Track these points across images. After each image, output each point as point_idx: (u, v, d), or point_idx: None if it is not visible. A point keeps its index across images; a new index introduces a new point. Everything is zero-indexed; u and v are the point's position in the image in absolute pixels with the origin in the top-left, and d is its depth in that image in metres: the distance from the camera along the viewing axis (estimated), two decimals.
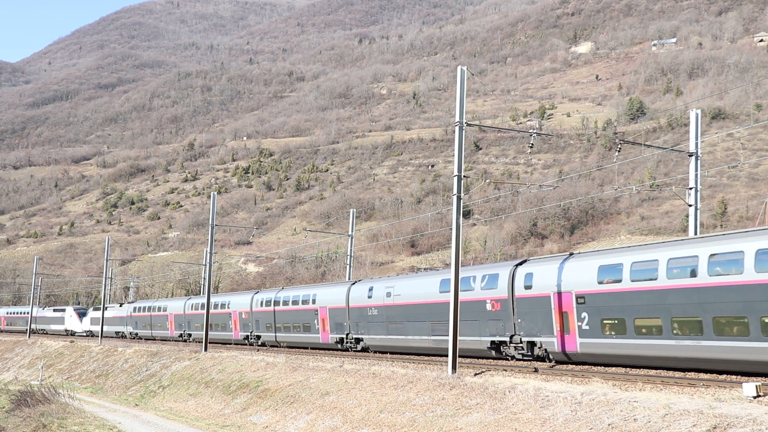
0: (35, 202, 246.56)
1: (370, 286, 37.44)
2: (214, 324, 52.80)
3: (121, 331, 73.57)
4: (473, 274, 30.17)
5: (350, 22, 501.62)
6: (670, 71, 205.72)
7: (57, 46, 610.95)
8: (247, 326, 49.91)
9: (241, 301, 51.33)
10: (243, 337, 50.37)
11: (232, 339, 51.85)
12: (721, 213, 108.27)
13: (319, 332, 41.35)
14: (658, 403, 16.24)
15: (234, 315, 51.66)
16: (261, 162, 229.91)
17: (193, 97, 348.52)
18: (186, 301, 60.51)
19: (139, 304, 71.15)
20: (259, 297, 49.30)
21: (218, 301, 54.80)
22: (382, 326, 35.60)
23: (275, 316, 46.17)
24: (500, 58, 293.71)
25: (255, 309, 48.88)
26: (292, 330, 44.49)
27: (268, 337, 47.47)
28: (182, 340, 58.77)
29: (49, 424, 27.10)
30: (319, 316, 41.13)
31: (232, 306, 52.01)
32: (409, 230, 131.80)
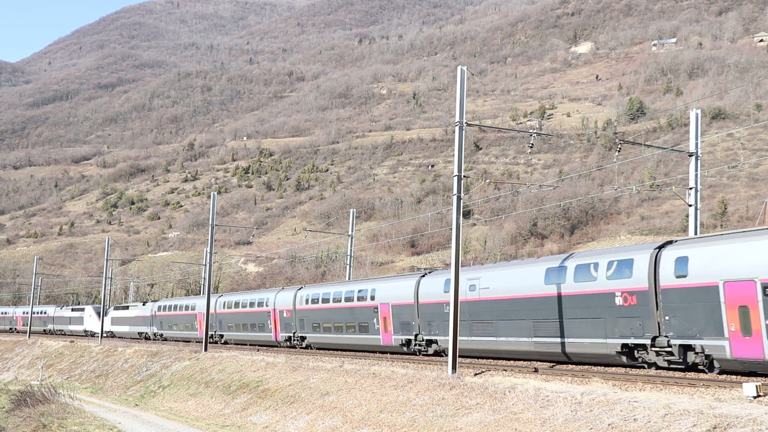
0: (35, 202, 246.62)
1: (446, 279, 31.55)
2: (249, 324, 49.75)
3: (145, 332, 69.03)
4: (593, 260, 25.00)
5: (350, 22, 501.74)
6: (670, 71, 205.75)
7: (57, 46, 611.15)
8: (290, 326, 45.09)
9: (283, 297, 46.20)
10: (284, 338, 45.66)
11: (272, 340, 47.15)
12: (721, 213, 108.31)
13: (380, 333, 36.37)
14: (658, 403, 16.24)
15: (274, 314, 46.59)
16: (261, 162, 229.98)
17: (193, 97, 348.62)
18: (217, 298, 56.16)
19: (164, 303, 66.59)
20: (304, 293, 44.10)
21: (254, 298, 50.47)
22: (463, 326, 29.62)
23: (324, 314, 41.44)
24: (500, 58, 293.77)
25: (300, 307, 43.79)
26: (345, 330, 39.51)
27: (316, 339, 42.63)
28: (213, 341, 55.39)
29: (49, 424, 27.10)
30: (379, 315, 36.36)
31: (272, 304, 46.96)
32: (409, 230, 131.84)
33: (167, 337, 63.74)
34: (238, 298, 52.58)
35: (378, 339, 36.55)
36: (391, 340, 35.57)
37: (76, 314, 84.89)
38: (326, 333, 41.12)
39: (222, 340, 54.70)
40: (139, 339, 69.77)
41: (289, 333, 44.96)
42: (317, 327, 41.69)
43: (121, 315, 75.20)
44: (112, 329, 76.25)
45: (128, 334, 72.48)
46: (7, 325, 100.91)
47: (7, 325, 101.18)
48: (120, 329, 74.88)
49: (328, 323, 40.73)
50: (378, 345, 36.58)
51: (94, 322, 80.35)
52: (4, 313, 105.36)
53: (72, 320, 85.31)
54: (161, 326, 64.88)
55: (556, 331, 25.74)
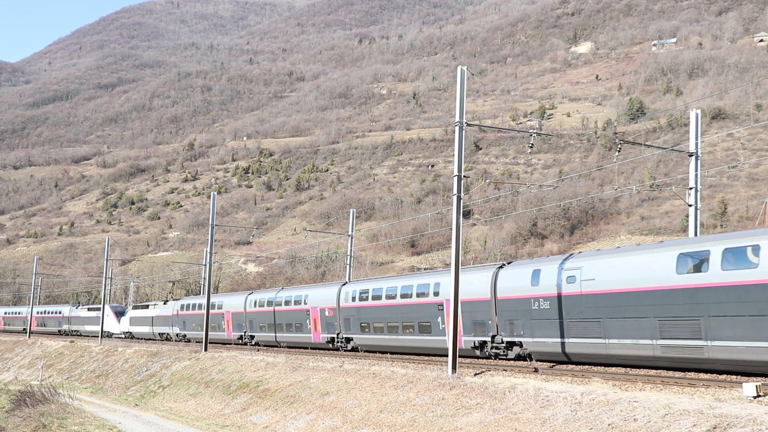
0: (35, 202, 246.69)
1: (534, 269, 27.20)
2: (285, 324, 45.50)
3: (166, 333, 64.57)
4: (749, 242, 20.15)
5: (350, 22, 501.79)
6: (670, 71, 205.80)
7: (57, 46, 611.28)
8: (333, 326, 40.80)
9: (325, 294, 41.95)
10: (326, 339, 41.19)
11: (311, 342, 43.05)
12: (721, 213, 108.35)
13: (445, 334, 31.46)
14: (658, 403, 16.25)
15: (313, 312, 42.60)
16: (261, 162, 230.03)
17: (193, 97, 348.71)
18: (247, 296, 51.94)
19: (187, 301, 61.83)
20: (350, 289, 39.29)
21: (289, 295, 45.87)
22: (556, 325, 25.57)
23: (375, 313, 36.72)
24: (500, 58, 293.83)
25: (345, 304, 39.16)
26: (401, 331, 34.53)
27: (364, 341, 37.90)
28: (242, 343, 51.56)
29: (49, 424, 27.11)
30: (445, 313, 31.63)
31: (312, 301, 42.92)
32: (409, 230, 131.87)
33: (191, 339, 59.32)
34: (281, 295, 47.84)
35: (443, 341, 31.54)
36: (461, 342, 30.40)
37: (93, 314, 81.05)
38: (377, 334, 36.31)
39: (252, 342, 50.32)
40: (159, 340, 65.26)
41: (332, 334, 40.47)
42: (366, 327, 36.77)
43: (140, 315, 70.93)
44: (131, 330, 72.33)
45: (148, 335, 68.38)
46: (20, 325, 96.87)
47: (20, 325, 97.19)
48: (139, 330, 70.67)
49: (380, 323, 35.91)
50: (443, 348, 31.37)
51: (111, 322, 77.06)
52: (17, 313, 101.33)
53: (88, 320, 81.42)
54: (184, 326, 60.31)
55: (694, 332, 21.22)
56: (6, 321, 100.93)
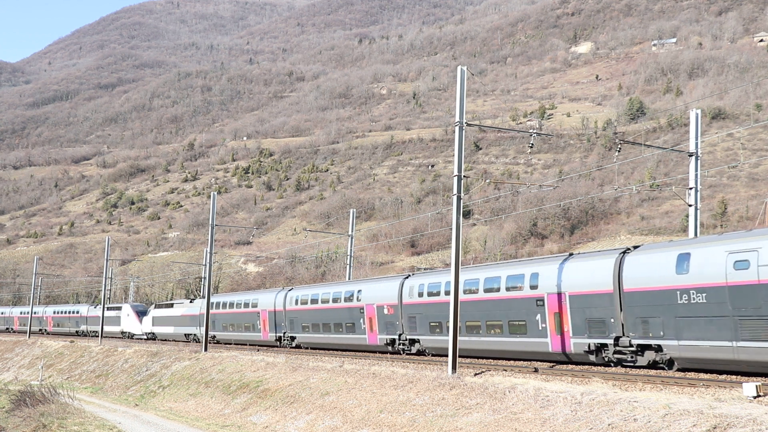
0: (35, 202, 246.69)
1: (680, 253, 22.05)
2: (333, 324, 40.29)
3: (193, 334, 59.77)
4: None
5: (350, 22, 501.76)
6: (670, 71, 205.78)
7: (57, 46, 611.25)
8: (393, 326, 35.41)
9: (382, 290, 36.57)
10: (385, 342, 36.08)
11: (366, 344, 37.83)
12: (721, 213, 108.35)
13: (547, 334, 26.46)
14: (658, 403, 16.24)
15: (369, 310, 37.03)
16: (261, 162, 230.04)
17: (193, 97, 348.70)
18: (287, 292, 46.41)
19: (218, 299, 56.94)
20: (415, 282, 34.16)
21: (340, 291, 40.45)
22: (720, 324, 20.42)
23: (447, 309, 30.36)
24: (500, 58, 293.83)
25: (408, 301, 33.97)
26: (485, 331, 29.35)
27: (435, 342, 32.71)
28: (280, 345, 46.53)
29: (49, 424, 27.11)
30: (546, 309, 26.50)
31: (366, 298, 37.47)
32: (409, 230, 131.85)
33: (221, 340, 55.01)
34: (317, 291, 43.08)
35: (545, 343, 26.57)
36: (568, 345, 25.66)
37: (112, 314, 76.80)
38: (443, 335, 31.47)
39: (293, 344, 45.10)
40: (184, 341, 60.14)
41: (392, 335, 35.47)
42: (437, 327, 32.26)
43: (164, 314, 65.93)
44: (154, 330, 67.49)
45: (173, 335, 63.49)
46: (36, 326, 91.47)
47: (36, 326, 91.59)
48: (163, 330, 65.78)
49: (472, 320, 30.11)
50: (545, 351, 26.67)
51: (132, 322, 72.57)
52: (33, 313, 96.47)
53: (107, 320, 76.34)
54: (213, 326, 55.36)
55: None
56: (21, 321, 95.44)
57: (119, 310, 76.61)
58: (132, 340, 70.84)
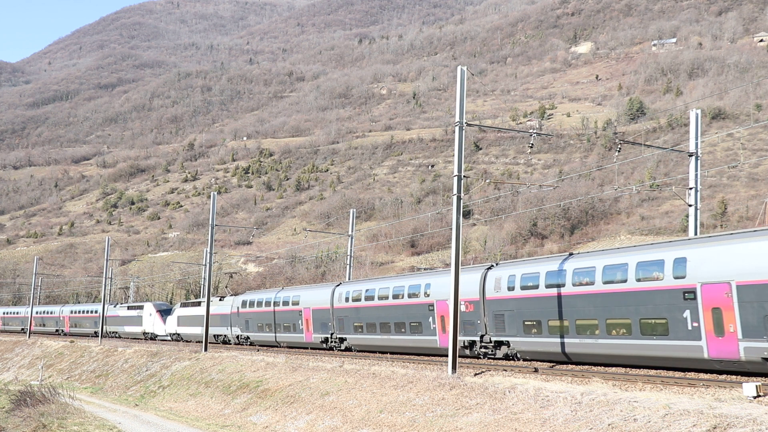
0: (35, 202, 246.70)
1: None
2: (394, 324, 35.10)
3: (223, 335, 55.21)
4: None
5: (350, 22, 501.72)
6: (670, 71, 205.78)
7: (57, 46, 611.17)
8: (473, 325, 30.24)
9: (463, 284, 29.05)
10: (466, 343, 30.74)
11: (435, 347, 32.45)
12: (721, 213, 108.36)
13: (701, 335, 21.13)
14: (658, 403, 16.24)
15: (441, 307, 31.72)
16: (261, 162, 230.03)
17: (193, 97, 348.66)
18: (333, 288, 40.83)
19: (251, 297, 51.73)
20: (501, 274, 28.90)
21: (400, 286, 35.07)
22: None
23: (540, 305, 26.63)
24: (500, 58, 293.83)
25: (494, 296, 29.03)
26: (605, 332, 24.23)
27: (530, 345, 27.53)
28: (326, 348, 41.22)
29: (49, 424, 27.11)
30: (700, 305, 21.24)
31: (437, 293, 32.07)
32: (409, 230, 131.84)
33: (255, 342, 49.87)
34: (372, 286, 37.68)
35: (698, 347, 21.28)
36: (735, 349, 20.18)
37: (133, 313, 72.69)
38: (543, 335, 26.41)
39: (342, 346, 40.00)
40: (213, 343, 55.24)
41: (472, 336, 30.15)
42: (533, 326, 26.94)
43: (190, 313, 60.95)
44: (179, 331, 62.57)
45: (199, 336, 57.20)
46: (53, 326, 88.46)
47: (52, 326, 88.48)
48: (189, 331, 60.68)
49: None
50: (698, 358, 21.44)
51: (155, 322, 68.18)
52: (49, 313, 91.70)
53: (128, 320, 73.37)
54: (247, 327, 50.71)
55: None
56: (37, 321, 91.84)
57: (141, 309, 71.89)
58: (133, 340, 70.61)
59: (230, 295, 55.25)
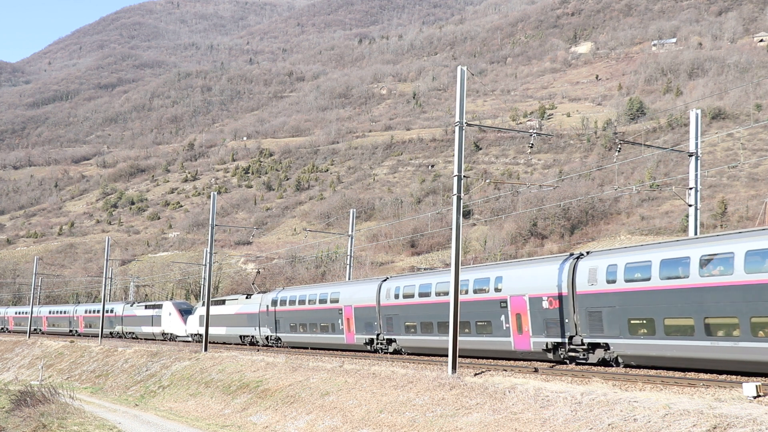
0: (35, 202, 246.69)
1: None
2: (460, 322, 29.30)
3: (250, 335, 50.73)
4: None
5: (350, 22, 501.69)
6: (670, 71, 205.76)
7: (57, 46, 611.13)
8: (558, 325, 26.17)
9: (534, 278, 27.44)
10: (543, 346, 26.90)
11: (510, 349, 28.66)
12: (721, 213, 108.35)
13: None
14: (658, 403, 16.24)
15: (516, 304, 28.12)
16: (261, 162, 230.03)
17: (193, 97, 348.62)
18: (380, 284, 37.01)
19: (284, 294, 46.84)
20: (596, 264, 24.80)
21: (464, 280, 30.05)
22: None
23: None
24: (500, 58, 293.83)
25: (587, 289, 24.75)
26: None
27: (639, 348, 23.22)
28: (371, 350, 37.38)
29: (49, 424, 27.11)
30: None
31: (511, 288, 28.37)
32: (409, 230, 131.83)
33: (287, 343, 45.55)
34: (429, 281, 33.64)
35: None
36: None
37: (151, 313, 69.11)
38: (656, 337, 22.37)
39: (390, 348, 36.24)
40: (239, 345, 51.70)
41: (557, 337, 26.21)
42: (641, 326, 23.05)
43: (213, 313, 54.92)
44: (201, 332, 56.67)
45: (225, 338, 54.64)
46: (66, 326, 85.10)
47: (65, 326, 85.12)
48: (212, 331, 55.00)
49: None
50: None
51: (175, 322, 64.57)
52: (62, 312, 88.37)
53: (145, 320, 70.16)
54: (278, 327, 45.96)
55: None
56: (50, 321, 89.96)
57: (159, 308, 68.18)
58: (135, 340, 70.42)
59: (258, 293, 51.16)
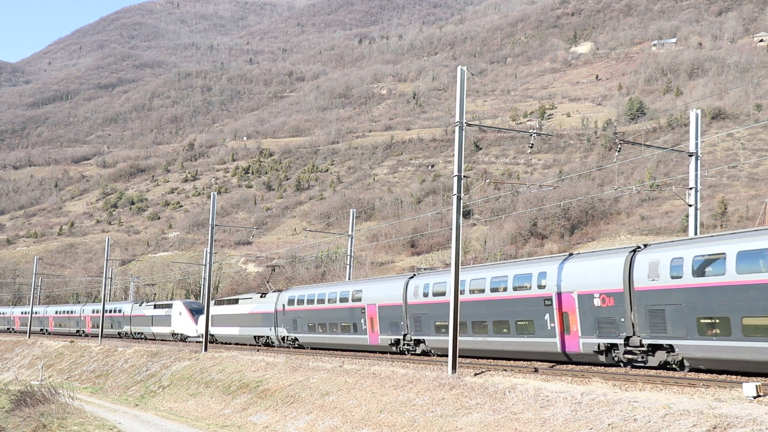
0: (35, 202, 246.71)
1: None
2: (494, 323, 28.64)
3: (265, 336, 48.35)
4: None
5: (350, 22, 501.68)
6: (670, 71, 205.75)
7: (57, 46, 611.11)
8: (613, 324, 23.75)
9: (590, 273, 24.85)
10: (595, 348, 24.46)
11: (556, 350, 26.15)
12: (721, 213, 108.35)
13: None
14: (658, 403, 16.24)
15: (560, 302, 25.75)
16: (261, 162, 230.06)
17: (193, 97, 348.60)
18: (407, 281, 34.86)
19: (301, 292, 44.85)
20: (658, 258, 22.60)
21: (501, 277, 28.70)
22: None
23: None
24: (500, 58, 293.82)
25: (646, 285, 22.74)
26: None
27: (707, 350, 20.87)
28: (396, 352, 35.38)
29: (49, 424, 27.11)
30: None
31: (560, 285, 25.98)
32: (409, 230, 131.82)
33: (305, 344, 43.44)
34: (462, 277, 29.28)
35: None
36: None
37: (161, 312, 67.12)
38: (732, 338, 19.93)
39: (418, 350, 34.02)
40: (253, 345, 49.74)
41: (611, 338, 23.81)
42: (716, 325, 20.52)
43: (226, 312, 54.74)
44: (213, 332, 55.51)
45: (238, 338, 52.72)
46: (73, 326, 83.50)
47: (72, 326, 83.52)
48: (225, 332, 54.77)
49: (746, 315, 19.58)
50: None
51: (185, 322, 62.66)
52: (70, 312, 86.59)
53: (155, 320, 68.11)
54: (295, 327, 43.86)
55: None
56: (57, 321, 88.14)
57: (169, 308, 66.08)
58: (135, 340, 70.38)
59: (273, 291, 48.93)
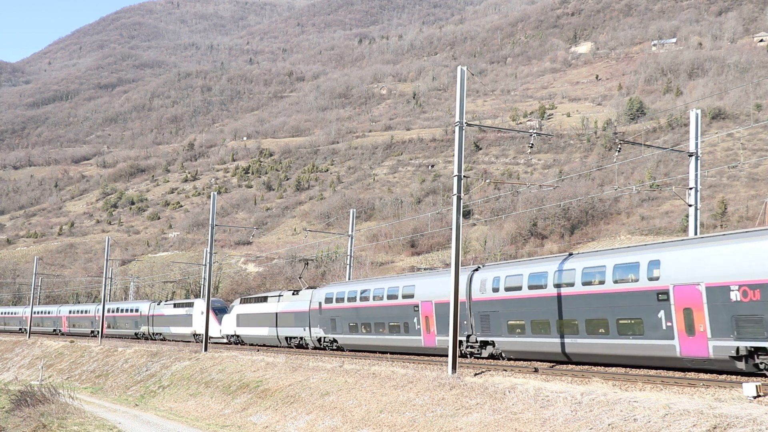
0: (35, 202, 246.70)
1: None
2: (587, 321, 24.35)
3: (298, 337, 44.34)
4: None
5: (350, 22, 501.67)
6: (670, 71, 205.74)
7: (57, 46, 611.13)
8: (764, 323, 18.88)
9: (714, 261, 20.50)
10: (742, 350, 19.51)
11: (675, 355, 21.58)
12: (721, 213, 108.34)
13: None
14: (658, 403, 16.24)
15: (680, 296, 21.23)
16: (261, 162, 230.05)
17: (193, 97, 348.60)
18: (471, 275, 30.14)
19: (341, 288, 40.17)
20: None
21: (597, 268, 24.33)
22: None
23: None
24: (500, 58, 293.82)
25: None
26: None
27: None
28: (463, 355, 30.29)
29: (49, 424, 27.11)
30: None
31: (670, 276, 21.73)
32: (409, 230, 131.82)
33: (345, 346, 39.41)
34: (543, 269, 26.59)
35: None
36: None
37: (181, 312, 63.57)
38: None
39: (485, 352, 29.67)
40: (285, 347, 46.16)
41: (757, 340, 19.08)
42: None
43: (254, 311, 50.40)
44: (239, 332, 52.68)
45: (266, 339, 48.64)
46: (88, 326, 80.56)
47: (87, 326, 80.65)
48: (253, 332, 50.60)
49: None
50: None
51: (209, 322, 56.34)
52: (84, 312, 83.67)
53: (175, 320, 64.66)
54: (333, 327, 39.68)
55: None
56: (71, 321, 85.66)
57: (190, 307, 62.11)
58: (135, 340, 70.10)
59: (306, 288, 44.97)
